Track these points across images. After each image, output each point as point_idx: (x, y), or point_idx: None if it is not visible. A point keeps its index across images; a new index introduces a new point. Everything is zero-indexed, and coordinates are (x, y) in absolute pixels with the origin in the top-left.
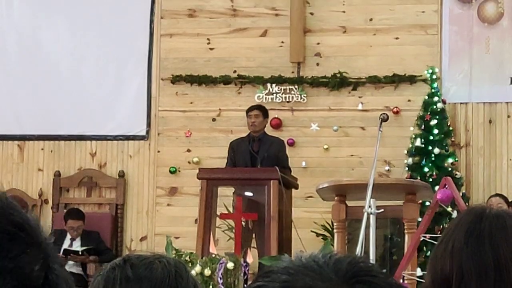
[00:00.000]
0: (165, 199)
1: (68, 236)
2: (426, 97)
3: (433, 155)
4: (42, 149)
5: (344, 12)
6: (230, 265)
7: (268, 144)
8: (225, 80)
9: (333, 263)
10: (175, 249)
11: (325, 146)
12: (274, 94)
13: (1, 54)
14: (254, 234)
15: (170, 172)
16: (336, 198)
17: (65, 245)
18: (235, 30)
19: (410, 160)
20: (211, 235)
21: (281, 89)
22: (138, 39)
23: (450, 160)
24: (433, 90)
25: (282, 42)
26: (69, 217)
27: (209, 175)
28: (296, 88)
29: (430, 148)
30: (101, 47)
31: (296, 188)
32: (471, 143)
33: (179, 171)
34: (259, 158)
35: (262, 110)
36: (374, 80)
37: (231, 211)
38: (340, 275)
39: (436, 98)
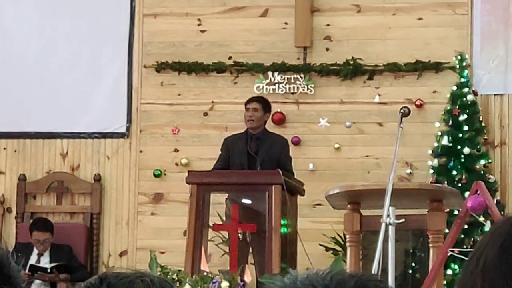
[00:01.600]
0: (149, 207)
1: (35, 251)
2: (455, 88)
3: (462, 156)
4: (5, 148)
5: None
6: (225, 284)
7: (268, 144)
8: (219, 68)
9: (335, 286)
10: (161, 266)
11: (336, 145)
12: (277, 85)
13: None
14: (252, 249)
15: (155, 175)
16: (348, 206)
17: (32, 260)
18: (231, 9)
19: (435, 162)
20: (203, 250)
21: (284, 79)
22: (116, 19)
23: (482, 162)
24: (462, 80)
25: (286, 23)
26: (35, 228)
27: (200, 179)
28: (302, 77)
29: (459, 147)
30: (73, 30)
31: (302, 194)
32: (507, 142)
33: (165, 174)
34: (258, 159)
35: (262, 103)
36: (394, 68)
37: (224, 221)
38: None
39: (466, 89)
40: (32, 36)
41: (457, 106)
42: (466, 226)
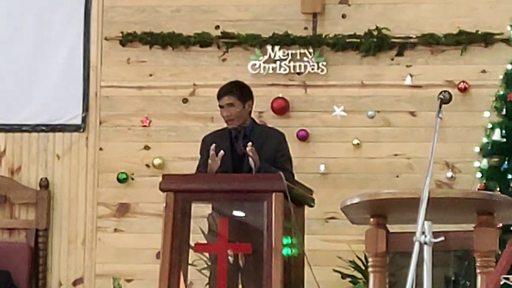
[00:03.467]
0: (111, 222)
1: None
2: (510, 67)
3: None
4: None
5: None
6: None
7: (260, 141)
8: (203, 41)
9: None
10: None
11: (355, 141)
12: (278, 62)
13: None
14: (244, 275)
15: (119, 180)
16: (372, 220)
17: None
18: None
19: (484, 162)
20: (181, 277)
21: (288, 54)
22: None
23: None
24: None
25: None
26: None
27: (178, 186)
28: (310, 53)
29: None
30: None
31: (311, 205)
32: None
33: (133, 179)
34: (248, 163)
35: (236, 93)
36: (430, 41)
37: (208, 239)
38: None
39: None
40: None
41: None
42: None
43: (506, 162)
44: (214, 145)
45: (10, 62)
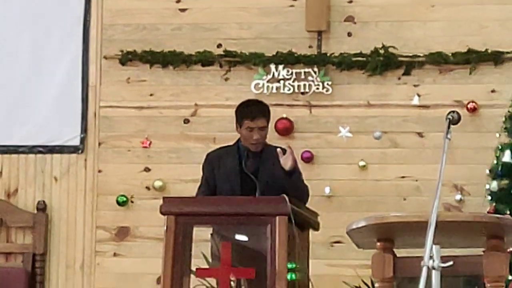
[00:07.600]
0: (111, 246)
1: None
2: None
3: None
4: None
5: None
6: None
7: (271, 161)
8: (205, 60)
9: None
10: None
11: (361, 163)
12: (282, 82)
13: None
14: None
15: (118, 203)
16: (378, 244)
17: None
18: None
19: (494, 185)
20: None
21: (292, 73)
22: None
23: None
24: None
25: None
26: None
27: (179, 209)
28: (315, 72)
29: None
30: (9, 10)
31: (316, 228)
32: None
33: (132, 201)
34: (259, 184)
35: (268, 116)
36: (438, 60)
37: (211, 263)
38: None
39: None
40: None
41: None
42: None
43: None
44: None
45: (6, 82)
